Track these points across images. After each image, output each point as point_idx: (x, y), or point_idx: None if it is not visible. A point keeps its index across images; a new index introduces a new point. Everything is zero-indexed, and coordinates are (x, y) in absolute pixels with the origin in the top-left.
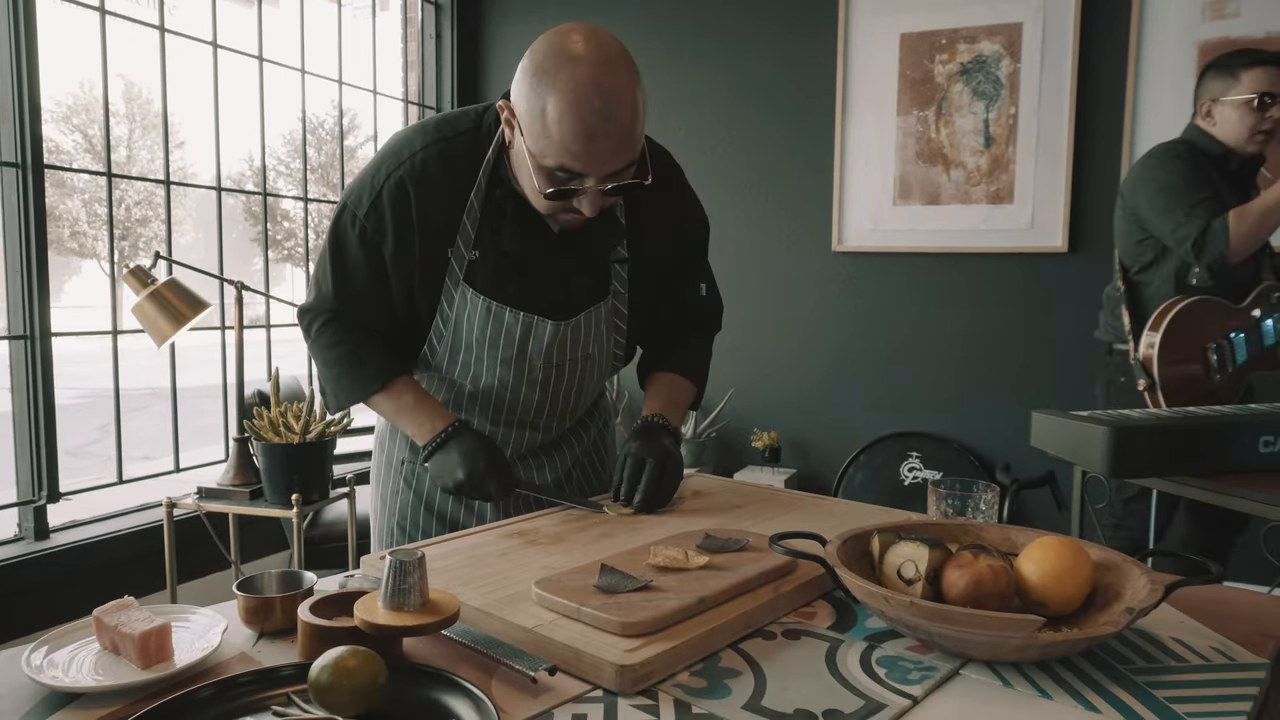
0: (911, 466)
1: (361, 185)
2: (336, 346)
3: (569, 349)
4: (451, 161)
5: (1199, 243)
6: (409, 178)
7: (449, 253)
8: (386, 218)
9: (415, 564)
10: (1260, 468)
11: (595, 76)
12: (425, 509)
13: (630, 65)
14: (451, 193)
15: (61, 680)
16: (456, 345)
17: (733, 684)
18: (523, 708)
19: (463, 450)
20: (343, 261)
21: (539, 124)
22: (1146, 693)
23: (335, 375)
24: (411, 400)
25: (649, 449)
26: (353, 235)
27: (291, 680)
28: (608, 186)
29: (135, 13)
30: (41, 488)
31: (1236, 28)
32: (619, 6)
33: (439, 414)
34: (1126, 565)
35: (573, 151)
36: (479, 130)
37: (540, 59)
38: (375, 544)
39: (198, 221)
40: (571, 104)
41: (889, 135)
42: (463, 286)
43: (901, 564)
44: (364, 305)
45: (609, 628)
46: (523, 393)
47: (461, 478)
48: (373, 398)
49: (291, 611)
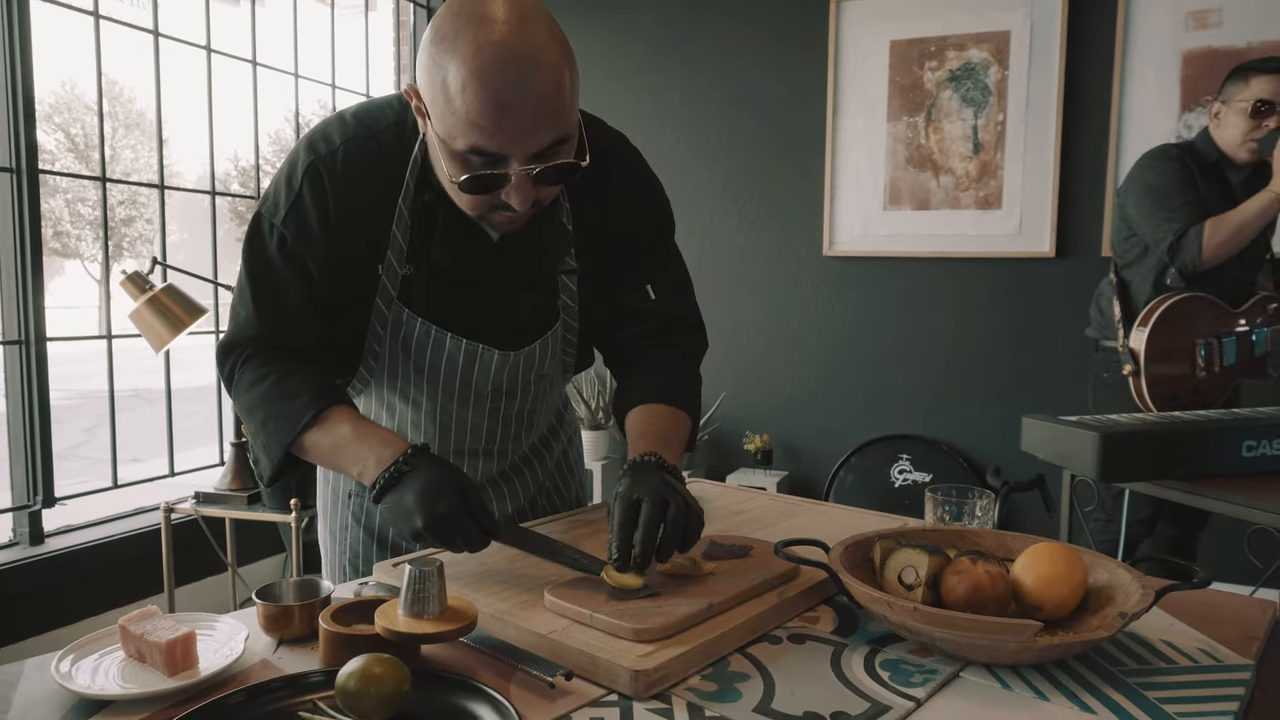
0: (902, 469)
1: (276, 190)
2: (259, 383)
3: (520, 374)
4: (374, 157)
5: (1174, 246)
6: (327, 173)
7: (380, 268)
8: (310, 220)
9: (434, 573)
10: (1243, 471)
11: (502, 35)
12: (378, 546)
13: (548, 22)
14: (376, 196)
15: (90, 688)
16: (394, 368)
17: (742, 687)
18: (541, 712)
19: (419, 489)
20: (264, 280)
21: (442, 99)
22: (1138, 694)
23: (261, 420)
24: (350, 431)
25: (641, 487)
26: (271, 246)
27: (319, 687)
28: (535, 170)
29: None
30: (37, 492)
31: (1219, 37)
32: (610, 13)
33: (388, 441)
34: (1118, 571)
35: (482, 127)
36: (404, 125)
37: (440, 25)
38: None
39: (183, 221)
40: (475, 70)
41: (879, 141)
42: (397, 305)
43: (902, 570)
44: (291, 328)
45: (621, 633)
46: (470, 418)
47: (419, 525)
48: (306, 434)
49: (309, 619)
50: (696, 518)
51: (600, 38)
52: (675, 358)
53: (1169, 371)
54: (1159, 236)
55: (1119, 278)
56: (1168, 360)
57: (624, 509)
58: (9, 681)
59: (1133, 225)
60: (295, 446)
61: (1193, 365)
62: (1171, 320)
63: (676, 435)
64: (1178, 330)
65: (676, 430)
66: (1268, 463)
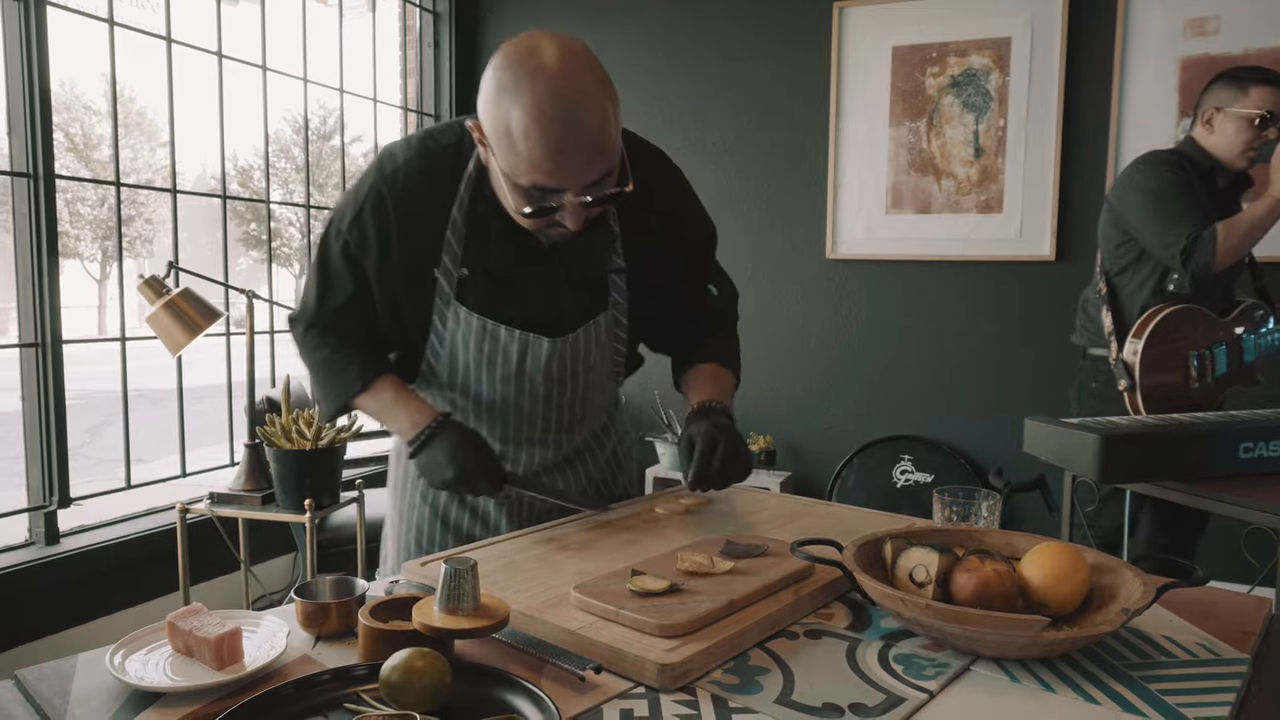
0: (904, 470)
1: (346, 200)
2: (318, 350)
3: (569, 363)
4: (432, 175)
5: (1187, 251)
6: (389, 191)
7: (436, 271)
8: (369, 232)
9: (469, 571)
10: (1240, 472)
11: (557, 87)
12: (441, 525)
13: (595, 69)
14: (433, 207)
15: (145, 681)
16: (454, 363)
17: (763, 680)
18: (572, 704)
19: (449, 446)
20: (326, 274)
21: (506, 141)
22: (1141, 686)
23: (320, 380)
24: (391, 397)
25: (712, 427)
26: (336, 248)
27: (363, 680)
28: (587, 198)
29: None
30: (52, 493)
31: (1216, 44)
32: (616, 18)
33: (421, 409)
34: (1121, 569)
35: (544, 168)
36: (462, 144)
37: (500, 74)
38: (392, 556)
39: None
40: (536, 119)
41: (881, 146)
42: (454, 305)
43: (913, 568)
44: (345, 317)
45: (647, 629)
46: (525, 407)
47: (451, 476)
48: (357, 398)
49: (346, 616)
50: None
51: (607, 44)
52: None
53: (1164, 382)
54: (1167, 241)
55: (1109, 285)
56: (1162, 371)
57: (704, 444)
58: (65, 674)
59: (1132, 231)
60: (346, 406)
61: (1186, 376)
62: (1165, 332)
63: (727, 386)
64: (1171, 342)
65: (727, 383)
66: (1264, 464)
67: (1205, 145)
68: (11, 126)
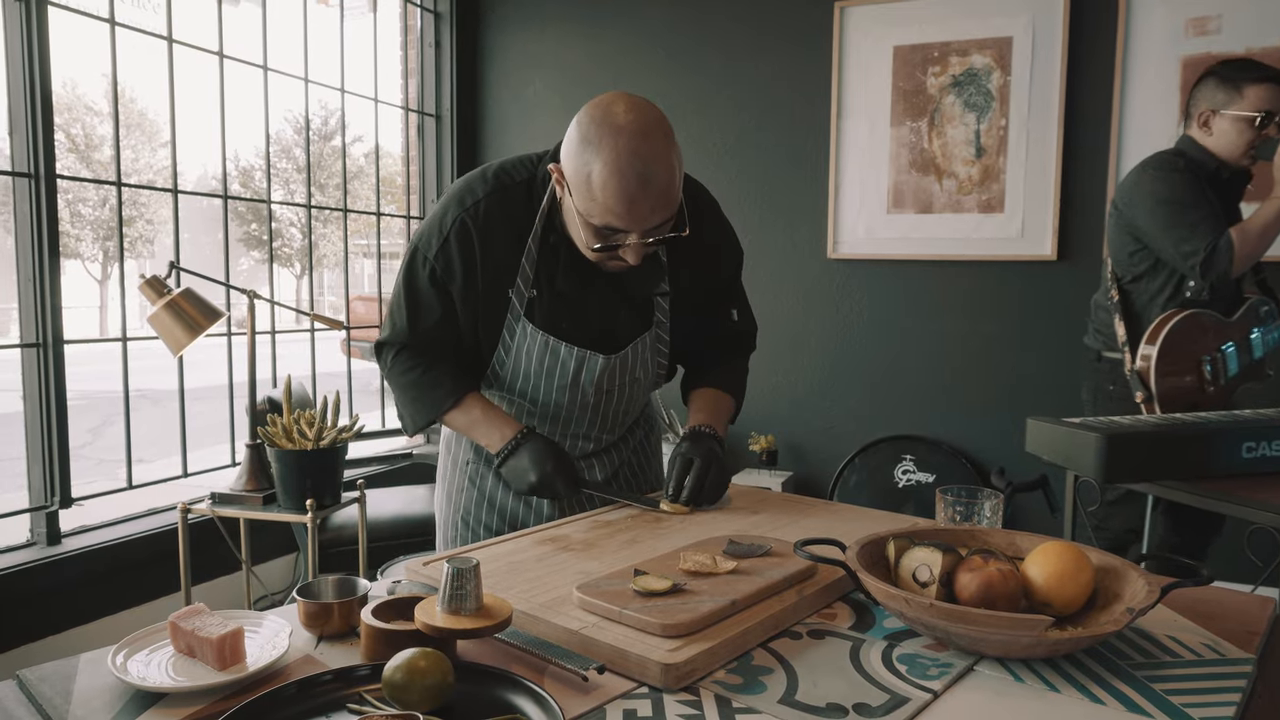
0: (905, 470)
1: (430, 229)
2: (410, 372)
3: (618, 376)
4: (509, 208)
5: (1206, 262)
6: (472, 223)
7: (510, 292)
8: (454, 259)
9: (471, 571)
10: (1243, 472)
11: (635, 146)
12: (488, 505)
13: (667, 131)
14: (510, 237)
15: (148, 681)
16: (517, 373)
17: (767, 680)
18: (575, 704)
19: (533, 455)
20: (415, 299)
21: (585, 188)
22: (1145, 686)
23: (412, 398)
24: (480, 414)
25: (696, 450)
26: (424, 275)
27: (366, 680)
28: (649, 240)
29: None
30: (54, 493)
31: (1218, 44)
32: (620, 18)
33: (508, 423)
34: (1125, 569)
35: (616, 213)
36: (534, 180)
37: (585, 129)
38: (440, 535)
39: (185, 222)
40: (615, 172)
41: (883, 145)
42: (523, 322)
43: (916, 568)
44: (434, 338)
45: (650, 629)
46: (576, 413)
47: (534, 480)
48: (448, 414)
49: (348, 616)
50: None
51: (608, 42)
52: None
53: (1179, 394)
54: (1185, 251)
55: (1121, 292)
56: (1176, 378)
57: (682, 465)
58: (67, 675)
59: (1145, 239)
60: (434, 421)
61: (1201, 380)
62: (1175, 343)
63: (726, 413)
64: (1184, 348)
65: (726, 410)
66: (1267, 463)
67: (1205, 145)
68: (13, 126)
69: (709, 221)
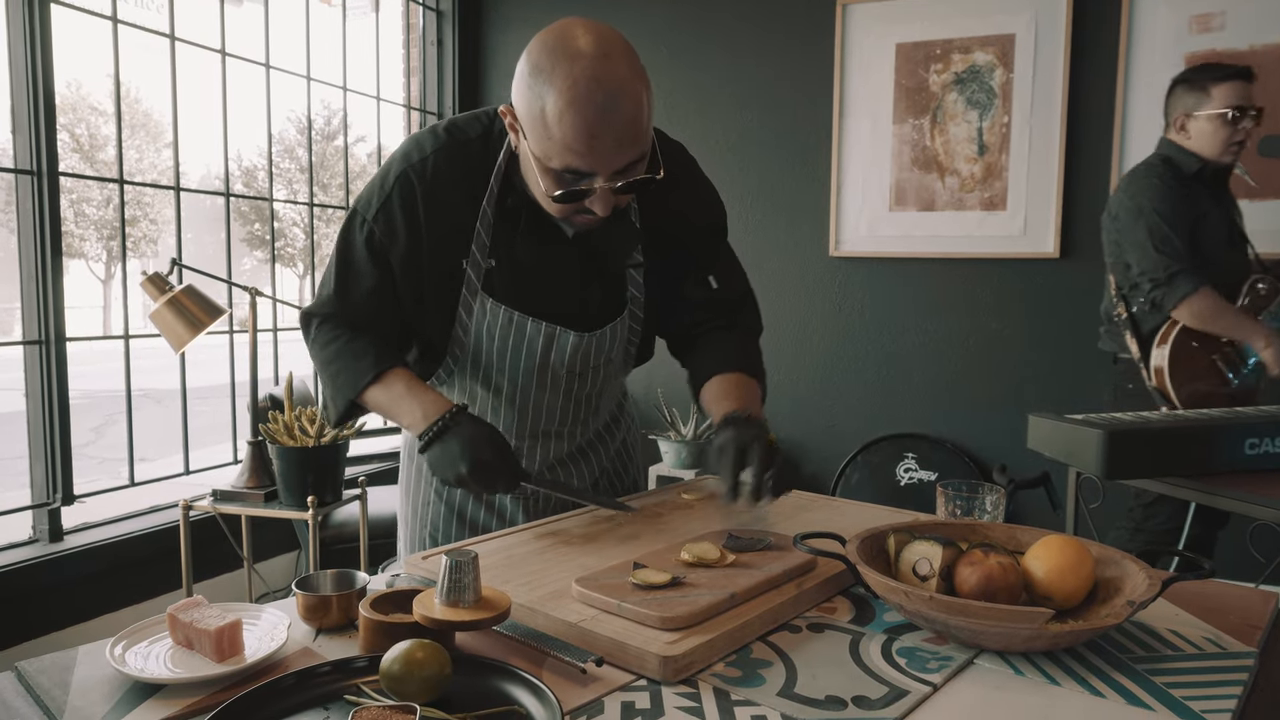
0: (908, 467)
1: (371, 189)
2: (332, 343)
3: (592, 357)
4: (462, 166)
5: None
6: (418, 181)
7: (464, 263)
8: (396, 220)
9: (470, 563)
10: (1246, 468)
11: (593, 71)
12: (458, 520)
13: (630, 56)
14: (463, 198)
15: (145, 672)
16: (477, 355)
17: (766, 673)
18: (573, 696)
19: (464, 439)
20: (347, 265)
21: (540, 125)
22: (1146, 679)
23: (332, 373)
24: (404, 388)
25: (744, 436)
26: (360, 238)
27: (364, 672)
28: (618, 184)
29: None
30: (56, 490)
31: (1222, 40)
32: (620, 13)
33: (435, 401)
34: (1125, 562)
35: (576, 150)
36: (490, 135)
37: (536, 58)
38: (405, 552)
39: (188, 222)
40: (571, 101)
41: (885, 143)
42: (481, 296)
43: (916, 561)
44: (364, 309)
45: (649, 622)
46: (545, 400)
47: (464, 470)
48: (368, 391)
49: (347, 608)
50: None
51: (608, 24)
52: (739, 334)
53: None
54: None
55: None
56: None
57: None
58: (65, 666)
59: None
60: (359, 399)
61: (1220, 380)
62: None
63: (755, 397)
64: (1194, 352)
65: (754, 393)
66: (1270, 460)
67: (1187, 148)
68: (16, 124)
69: (685, 180)
